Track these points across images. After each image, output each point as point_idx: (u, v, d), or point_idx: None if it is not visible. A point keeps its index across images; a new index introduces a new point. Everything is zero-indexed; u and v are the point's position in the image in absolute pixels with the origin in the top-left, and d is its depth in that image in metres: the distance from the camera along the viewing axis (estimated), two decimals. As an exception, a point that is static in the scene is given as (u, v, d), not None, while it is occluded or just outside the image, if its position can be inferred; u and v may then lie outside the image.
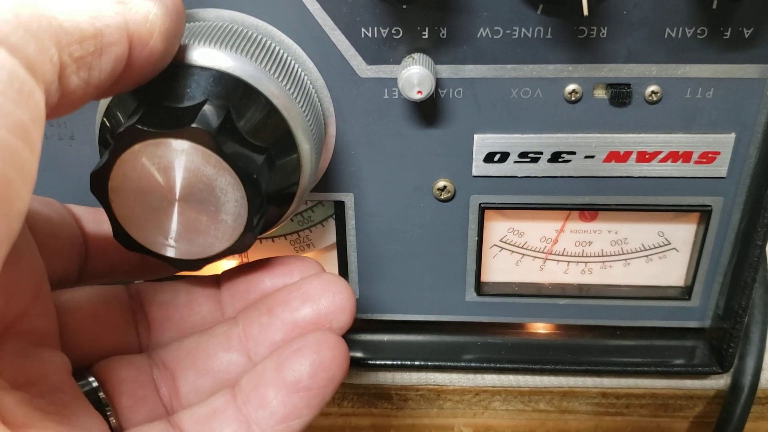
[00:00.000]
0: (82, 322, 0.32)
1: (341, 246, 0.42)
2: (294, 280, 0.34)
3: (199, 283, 0.35)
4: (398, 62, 0.35)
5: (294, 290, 0.33)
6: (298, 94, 0.32)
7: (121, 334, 0.33)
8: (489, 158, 0.37)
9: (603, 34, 0.34)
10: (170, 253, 0.30)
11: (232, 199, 0.29)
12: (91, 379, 0.30)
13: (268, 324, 0.32)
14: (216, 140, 0.27)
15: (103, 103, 0.31)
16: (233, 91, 0.30)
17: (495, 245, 0.42)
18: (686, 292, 0.42)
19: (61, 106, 0.23)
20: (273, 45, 0.33)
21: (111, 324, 0.33)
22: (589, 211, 0.40)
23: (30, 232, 0.30)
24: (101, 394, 0.30)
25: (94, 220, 0.35)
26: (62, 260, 0.33)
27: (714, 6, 0.33)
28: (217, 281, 0.35)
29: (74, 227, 0.34)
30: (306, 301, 0.32)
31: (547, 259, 0.42)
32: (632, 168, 0.37)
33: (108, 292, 0.34)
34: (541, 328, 0.46)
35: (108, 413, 0.30)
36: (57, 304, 0.31)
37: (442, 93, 0.36)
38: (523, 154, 0.37)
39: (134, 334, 0.34)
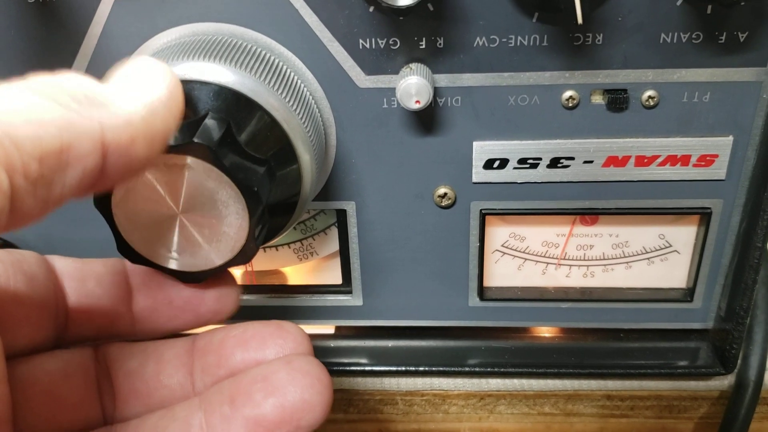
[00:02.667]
0: (38, 401, 0.29)
1: (344, 254, 0.42)
2: (267, 356, 0.30)
3: (170, 348, 0.32)
4: (396, 72, 0.35)
5: (258, 380, 0.29)
6: (297, 105, 0.33)
7: (81, 410, 0.30)
8: (488, 165, 0.38)
9: (598, 40, 0.34)
10: (173, 265, 0.31)
11: (233, 211, 0.29)
12: None
13: (230, 417, 0.28)
14: (216, 154, 0.28)
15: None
16: (233, 104, 0.30)
17: (497, 250, 0.42)
18: (688, 293, 0.42)
19: (11, 224, 0.20)
20: (272, 58, 0.34)
21: (69, 401, 0.30)
22: (590, 215, 0.41)
23: None
24: None
25: (79, 278, 0.31)
26: (28, 329, 0.29)
27: (708, 11, 0.33)
28: (191, 345, 0.32)
29: (49, 289, 0.30)
30: (269, 394, 0.28)
31: (559, 265, 0.42)
32: (631, 172, 0.38)
33: (71, 362, 0.30)
34: (544, 331, 0.46)
35: None
36: (12, 379, 0.28)
37: (441, 102, 0.36)
38: (522, 161, 0.37)
39: (97, 407, 0.31)
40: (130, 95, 0.23)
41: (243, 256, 0.30)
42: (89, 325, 0.32)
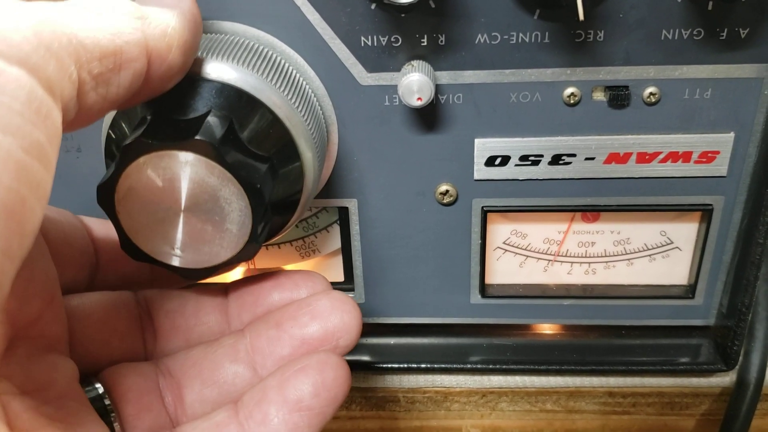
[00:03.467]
0: (90, 328, 0.32)
1: (346, 251, 0.42)
2: (302, 295, 0.34)
3: (207, 293, 0.35)
4: (398, 69, 0.35)
5: (303, 306, 0.33)
6: (299, 103, 0.33)
7: (128, 341, 0.33)
8: (490, 162, 0.38)
9: (600, 37, 0.34)
10: (176, 262, 0.31)
11: (236, 208, 0.29)
12: (98, 385, 0.31)
13: (276, 338, 0.32)
14: (219, 151, 0.28)
15: (109, 115, 0.31)
16: (236, 102, 0.30)
17: (498, 247, 0.42)
18: (690, 290, 0.42)
19: (77, 120, 0.23)
20: (274, 55, 0.34)
21: (119, 331, 0.33)
22: (591, 212, 0.41)
23: (44, 239, 0.30)
24: (107, 401, 0.30)
25: (105, 232, 0.35)
26: (74, 268, 0.33)
27: (709, 7, 0.33)
28: (225, 291, 0.35)
29: (86, 237, 0.34)
30: (315, 318, 0.32)
31: (554, 261, 0.42)
32: (632, 169, 0.38)
33: (117, 299, 0.34)
34: (546, 328, 0.46)
35: (113, 420, 0.30)
36: (67, 310, 0.31)
37: (442, 99, 0.36)
38: (523, 158, 0.38)
39: (141, 342, 0.34)
40: (163, 11, 0.26)
41: (245, 254, 0.30)
42: (115, 275, 0.35)
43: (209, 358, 0.33)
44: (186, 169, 0.28)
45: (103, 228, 0.35)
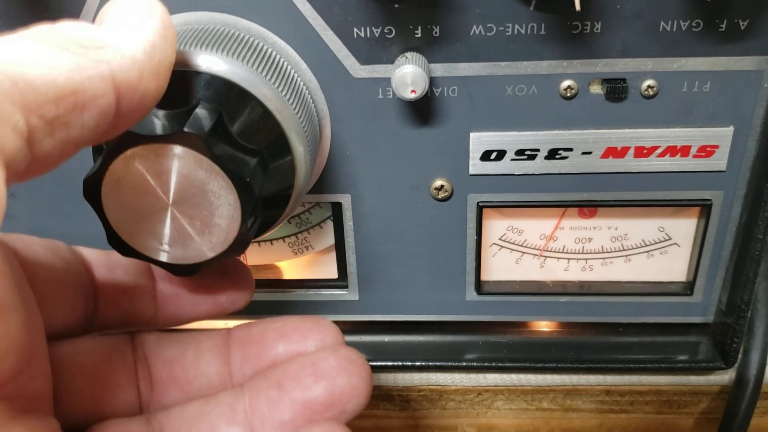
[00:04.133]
0: (80, 382, 0.29)
1: (340, 247, 0.41)
2: (309, 348, 0.32)
3: (209, 339, 0.33)
4: (391, 62, 0.34)
5: (308, 365, 0.30)
6: (291, 95, 0.32)
7: (121, 395, 0.31)
8: (485, 156, 0.37)
9: (597, 28, 0.33)
10: (164, 258, 0.30)
11: (225, 202, 0.28)
12: None
13: (277, 400, 0.30)
14: (207, 143, 0.27)
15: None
16: (225, 94, 0.30)
17: (494, 244, 0.42)
18: (688, 287, 0.42)
19: (32, 170, 0.20)
20: (265, 47, 0.33)
21: (110, 383, 0.30)
22: (588, 207, 0.40)
23: (30, 284, 0.27)
24: None
25: (107, 266, 0.32)
26: (65, 309, 0.30)
27: (709, -2, 0.32)
28: (227, 337, 0.33)
29: (82, 273, 0.31)
30: (320, 379, 0.30)
31: (542, 255, 0.42)
32: (630, 163, 0.37)
33: (111, 347, 0.31)
34: (542, 326, 0.45)
35: None
36: (55, 359, 0.28)
37: (437, 92, 0.35)
38: (519, 152, 0.37)
39: (135, 394, 0.31)
40: (129, 33, 0.23)
41: (235, 249, 0.30)
42: (116, 312, 0.32)
43: (205, 419, 0.30)
44: (174, 163, 0.28)
45: (104, 262, 0.32)
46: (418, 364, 0.43)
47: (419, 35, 0.34)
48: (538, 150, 0.37)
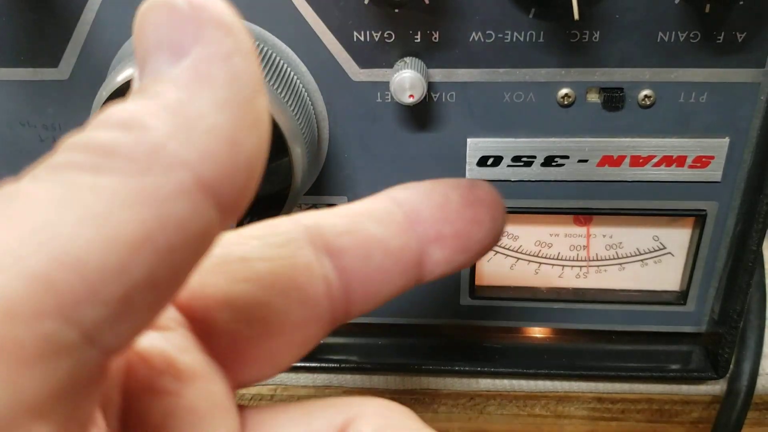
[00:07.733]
0: None
1: (335, 249, 0.42)
2: None
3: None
4: (390, 66, 0.35)
5: None
6: (289, 97, 0.32)
7: None
8: (482, 162, 0.37)
9: (595, 38, 0.34)
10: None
11: (221, 202, 0.29)
12: None
13: None
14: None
15: (98, 100, 0.31)
16: (224, 94, 0.30)
17: (489, 249, 0.42)
18: (682, 296, 0.42)
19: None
20: (265, 49, 0.33)
21: None
22: (584, 215, 0.40)
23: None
24: None
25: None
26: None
27: (707, 10, 0.33)
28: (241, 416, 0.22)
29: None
30: None
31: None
32: (626, 172, 0.37)
33: None
34: (536, 332, 0.46)
35: None
36: None
37: (435, 97, 0.36)
38: (516, 158, 0.37)
39: None
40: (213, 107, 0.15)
41: (230, 248, 0.30)
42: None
43: None
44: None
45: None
46: (411, 367, 0.43)
47: (419, 40, 0.34)
48: (534, 157, 0.37)
